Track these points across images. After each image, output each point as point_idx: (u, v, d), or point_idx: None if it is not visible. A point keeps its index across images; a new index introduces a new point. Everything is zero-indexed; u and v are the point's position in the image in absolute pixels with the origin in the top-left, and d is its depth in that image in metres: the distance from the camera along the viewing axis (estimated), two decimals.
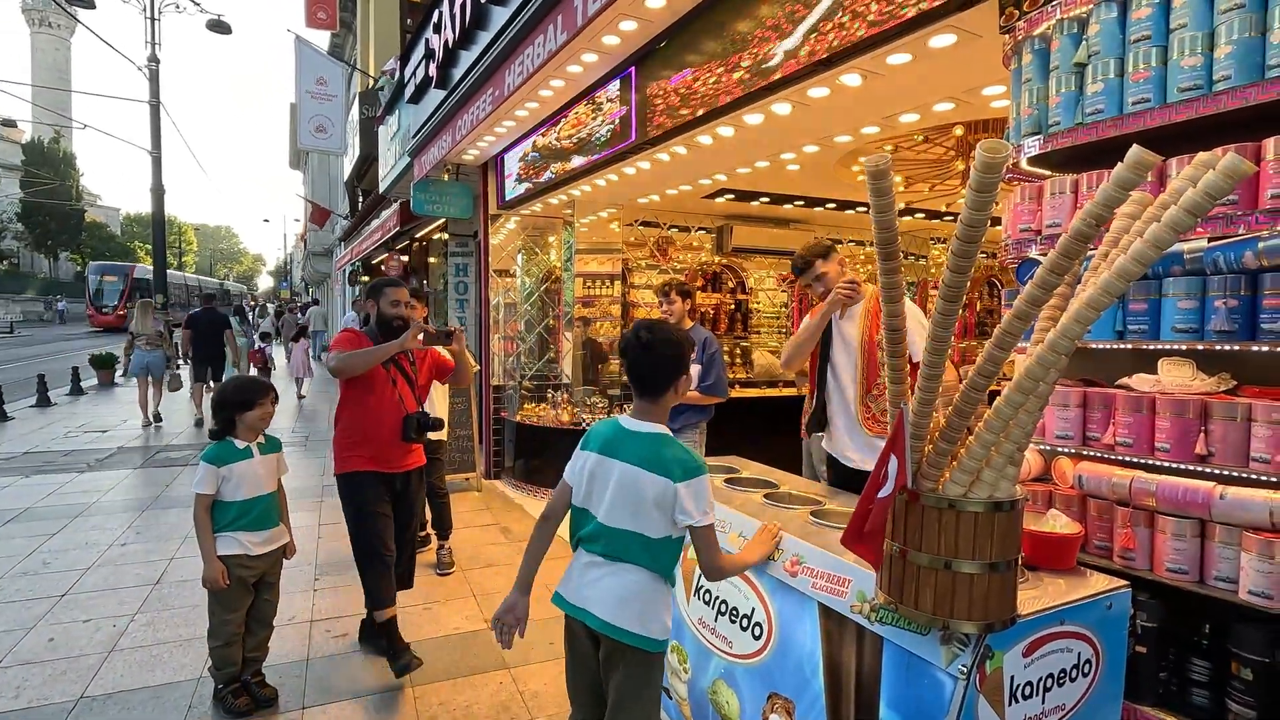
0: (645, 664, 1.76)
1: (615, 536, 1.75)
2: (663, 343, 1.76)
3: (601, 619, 1.74)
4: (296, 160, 34.20)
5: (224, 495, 2.70)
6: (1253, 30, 1.71)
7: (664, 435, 1.77)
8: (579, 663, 1.87)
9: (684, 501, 1.68)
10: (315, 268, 29.54)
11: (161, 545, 4.63)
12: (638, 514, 1.72)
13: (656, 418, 1.81)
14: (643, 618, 1.73)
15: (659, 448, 1.73)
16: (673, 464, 1.69)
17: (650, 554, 1.74)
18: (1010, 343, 1.35)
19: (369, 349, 2.97)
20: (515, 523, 5.41)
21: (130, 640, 3.33)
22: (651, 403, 1.80)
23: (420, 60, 6.61)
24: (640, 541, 1.73)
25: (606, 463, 1.77)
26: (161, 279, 15.43)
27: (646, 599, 1.74)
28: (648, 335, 1.77)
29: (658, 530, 1.72)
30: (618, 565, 1.75)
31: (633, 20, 3.72)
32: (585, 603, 1.78)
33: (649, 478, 1.70)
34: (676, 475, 1.68)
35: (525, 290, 7.45)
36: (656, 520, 1.71)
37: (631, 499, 1.72)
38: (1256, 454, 1.73)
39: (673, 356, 1.77)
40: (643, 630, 1.73)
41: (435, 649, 3.31)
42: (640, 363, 1.78)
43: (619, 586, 1.74)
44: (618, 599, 1.73)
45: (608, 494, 1.76)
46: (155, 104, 15.22)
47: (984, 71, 3.13)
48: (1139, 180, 1.19)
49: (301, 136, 12.02)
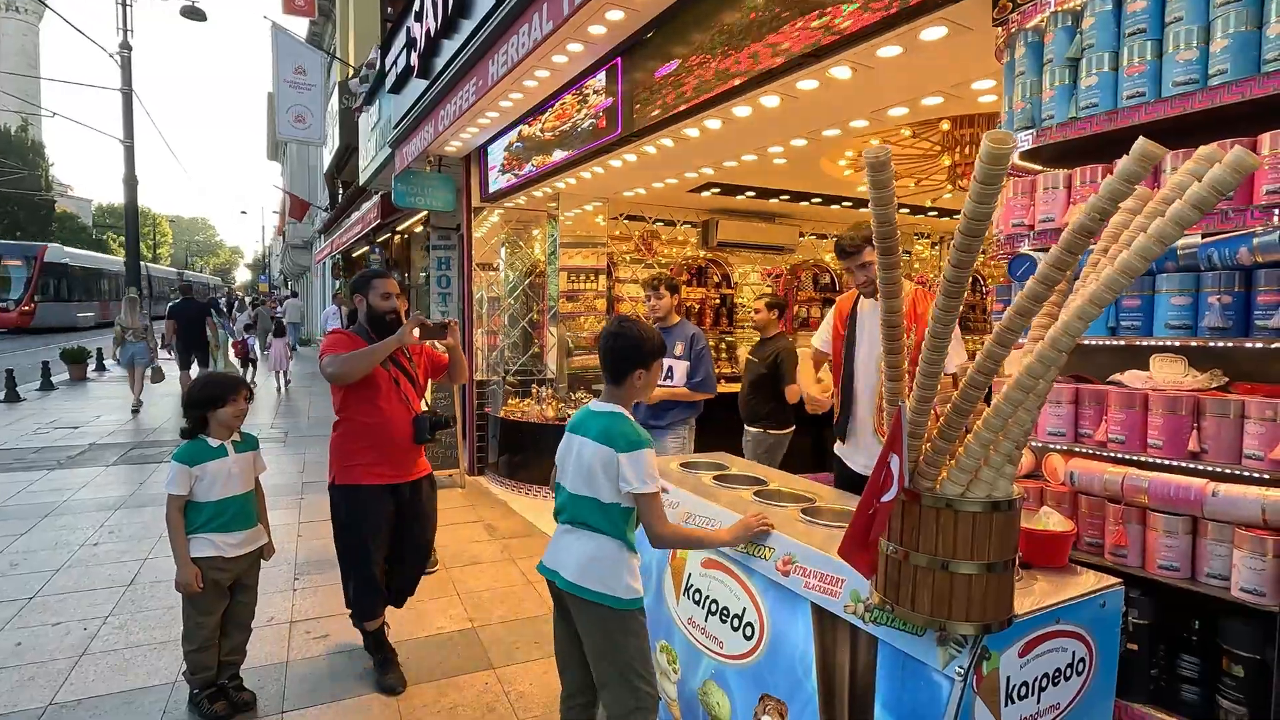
0: (614, 619, 1.93)
1: (577, 503, 1.98)
2: (627, 335, 2.00)
3: (567, 579, 1.95)
4: (274, 151, 33.60)
5: (197, 496, 2.61)
6: (1249, 24, 1.69)
7: (618, 414, 1.99)
8: (560, 623, 2.08)
9: (624, 470, 1.88)
10: (294, 260, 29.12)
11: (135, 545, 4.51)
12: (591, 481, 1.94)
13: (618, 400, 2.03)
14: (604, 578, 1.92)
15: (611, 424, 1.96)
16: (618, 437, 1.91)
17: (606, 518, 1.94)
18: (1011, 339, 1.32)
19: (367, 349, 2.78)
20: (499, 520, 5.34)
21: (102, 644, 3.23)
22: (615, 387, 2.03)
23: (402, 49, 6.49)
24: (594, 505, 1.94)
25: (574, 440, 2.02)
26: (135, 271, 15.08)
27: (608, 562, 1.94)
28: (618, 326, 2.03)
29: (608, 495, 1.92)
30: (581, 531, 1.98)
31: (619, 9, 3.65)
32: (556, 565, 2.00)
33: (598, 448, 1.92)
34: (620, 446, 1.89)
35: (509, 284, 7.36)
36: (605, 486, 1.92)
37: (587, 468, 1.94)
38: (1249, 451, 1.73)
39: (632, 349, 1.99)
40: (604, 589, 1.91)
41: (419, 649, 3.25)
42: (608, 350, 2.02)
43: (582, 550, 1.96)
44: (581, 561, 1.94)
45: (570, 464, 2.01)
46: (127, 92, 14.85)
47: (974, 65, 3.11)
48: (1144, 173, 1.16)
49: (280, 127, 11.80)
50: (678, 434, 3.83)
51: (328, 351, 2.81)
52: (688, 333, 3.84)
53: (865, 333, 2.87)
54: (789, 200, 7.28)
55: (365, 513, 2.86)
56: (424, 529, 3.06)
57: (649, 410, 3.72)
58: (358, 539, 2.88)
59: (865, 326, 2.88)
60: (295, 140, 12.63)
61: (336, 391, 2.88)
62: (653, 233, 7.94)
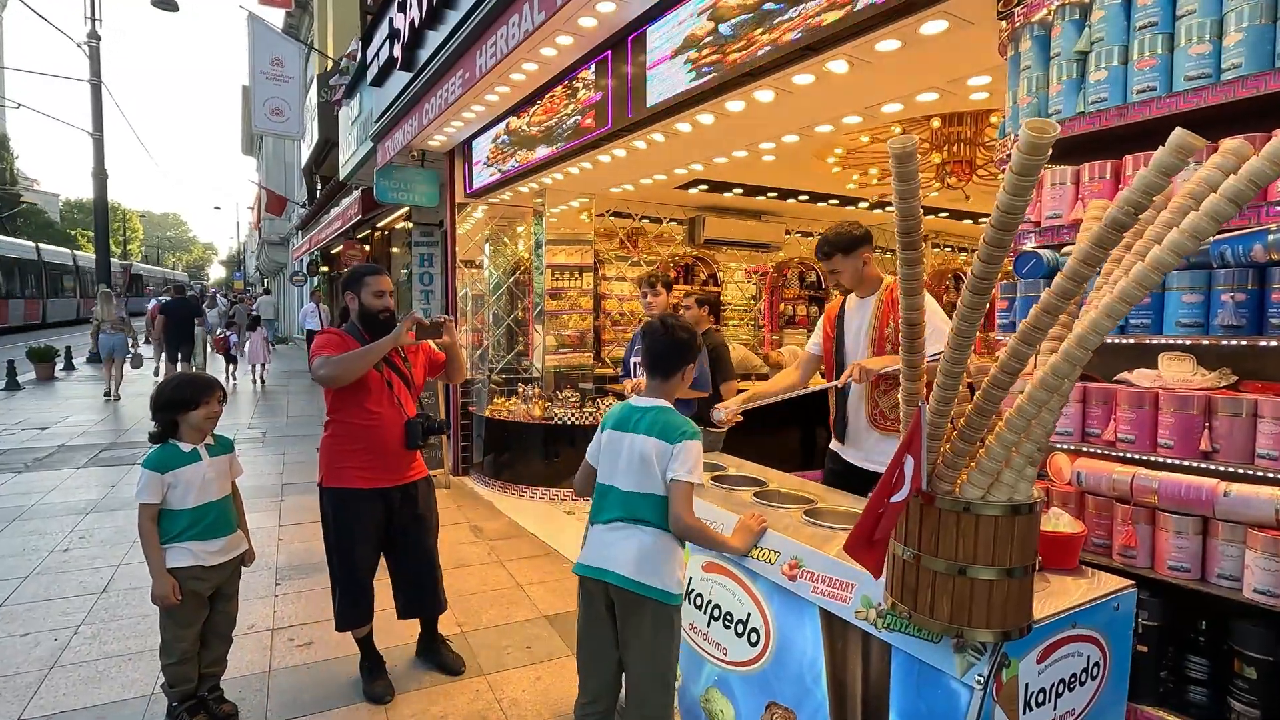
0: (665, 615, 1.91)
1: (632, 500, 1.94)
2: (680, 331, 2.02)
3: (622, 574, 1.90)
4: (250, 145, 32.95)
5: (171, 503, 2.48)
6: (1264, 17, 1.67)
7: (666, 408, 1.99)
8: (595, 626, 2.01)
9: (674, 460, 1.88)
10: (271, 257, 28.58)
11: (108, 550, 4.36)
12: (648, 476, 1.92)
13: (663, 395, 2.03)
14: (659, 572, 1.90)
15: (663, 417, 1.96)
16: (673, 429, 1.92)
17: (661, 511, 1.92)
18: (1038, 337, 1.28)
19: (361, 351, 2.65)
20: (486, 520, 5.25)
21: (73, 655, 3.10)
22: (662, 381, 2.04)
23: (384, 41, 6.34)
24: (652, 501, 1.92)
25: (621, 437, 1.99)
26: (105, 267, 14.69)
27: (662, 555, 1.92)
28: (668, 324, 2.04)
29: (662, 488, 1.92)
30: (635, 527, 1.94)
31: (611, 2, 3.58)
32: (606, 562, 1.94)
33: (654, 443, 1.92)
34: (674, 438, 1.90)
35: (493, 281, 7.25)
36: (659, 479, 1.92)
37: (641, 463, 1.92)
38: (1263, 450, 1.71)
39: (684, 346, 2.02)
40: (660, 584, 1.90)
41: (407, 656, 3.15)
42: (659, 343, 2.02)
43: (637, 545, 1.92)
44: (637, 556, 1.91)
45: (621, 462, 1.97)
46: (96, 83, 14.45)
47: (970, 60, 3.09)
48: (1182, 165, 1.12)
49: (256, 120, 11.52)
50: None
51: (319, 353, 2.69)
52: None
53: (851, 329, 2.88)
54: (776, 198, 7.26)
55: (354, 516, 2.77)
56: (421, 534, 2.95)
57: None
58: (346, 543, 2.79)
59: (851, 323, 2.89)
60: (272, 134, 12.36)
61: (328, 392, 2.78)
62: (639, 230, 7.88)
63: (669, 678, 1.93)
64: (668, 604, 1.91)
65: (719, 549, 2.07)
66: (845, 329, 2.91)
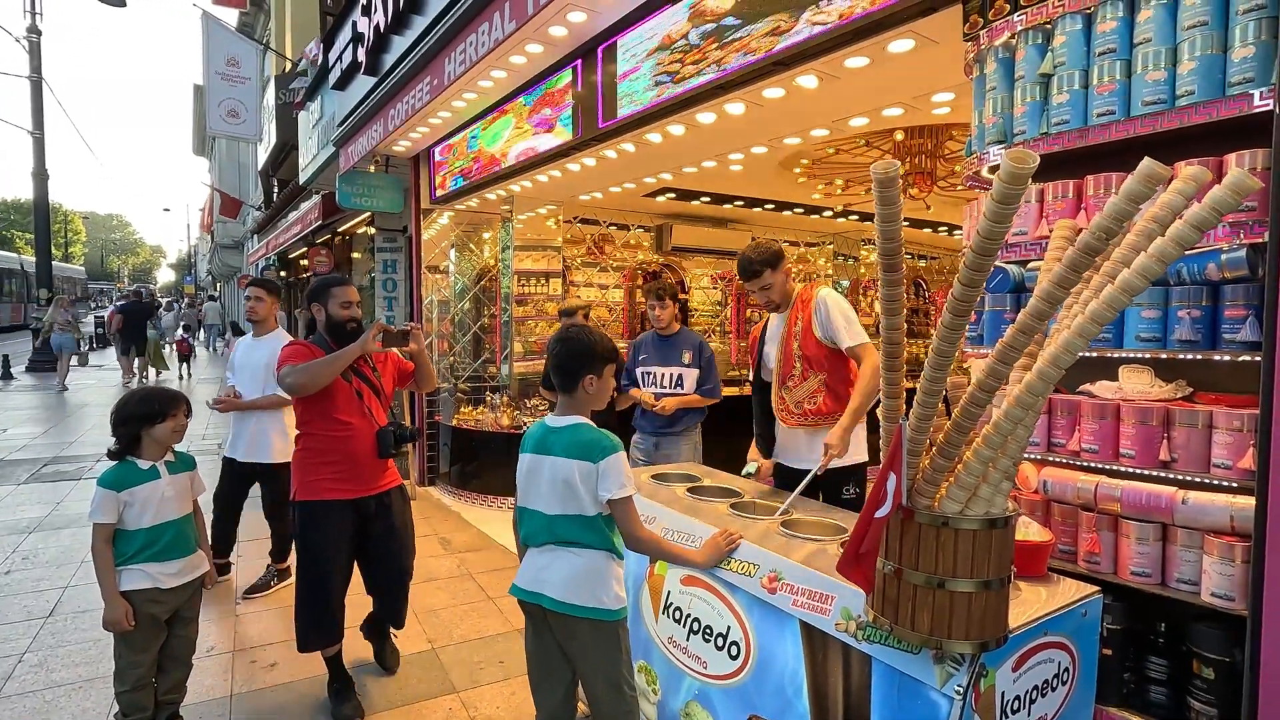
0: (605, 632, 1.89)
1: (557, 523, 1.89)
2: (576, 341, 1.93)
3: (555, 599, 1.88)
4: (202, 146, 31.93)
5: (127, 523, 2.37)
6: (1214, 47, 1.75)
7: (581, 424, 1.93)
8: (542, 648, 1.98)
9: (603, 478, 1.83)
10: (224, 261, 27.73)
11: (54, 571, 4.15)
12: (572, 497, 1.87)
13: (575, 411, 1.96)
14: (594, 591, 1.87)
15: (578, 436, 1.89)
16: (591, 447, 1.85)
17: (593, 531, 1.88)
18: (1014, 357, 1.31)
19: (327, 359, 2.64)
20: (453, 533, 5.17)
21: (18, 685, 2.94)
22: (568, 397, 1.95)
23: (347, 44, 6.22)
24: (581, 522, 1.88)
25: (541, 460, 1.93)
26: (46, 271, 14.06)
27: (596, 575, 1.89)
28: (565, 333, 1.96)
29: (591, 508, 1.87)
30: (564, 549, 1.90)
31: (582, 11, 3.58)
32: (539, 585, 1.91)
33: (576, 464, 1.85)
34: (595, 456, 1.84)
35: (459, 288, 7.16)
36: (587, 500, 1.86)
37: (565, 487, 1.87)
38: (1218, 460, 1.78)
39: (581, 355, 1.92)
40: (595, 603, 1.87)
41: (376, 675, 3.08)
42: (555, 358, 1.94)
43: (569, 567, 1.89)
44: (568, 579, 1.88)
45: (543, 487, 1.91)
46: (37, 80, 13.84)
47: (935, 78, 3.17)
48: (1150, 193, 1.17)
49: (211, 121, 11.17)
50: (690, 439, 3.86)
51: (285, 362, 2.66)
52: (694, 341, 3.85)
53: (774, 343, 2.98)
54: (742, 206, 7.34)
55: (325, 528, 2.73)
56: (396, 544, 2.91)
57: (664, 419, 3.72)
58: (318, 558, 2.74)
59: (774, 337, 2.99)
60: (229, 136, 12.00)
61: (297, 405, 2.74)
62: (606, 236, 7.88)
63: (622, 685, 1.90)
64: (607, 620, 1.88)
65: (676, 561, 2.03)
66: (767, 344, 3.01)
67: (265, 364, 3.72)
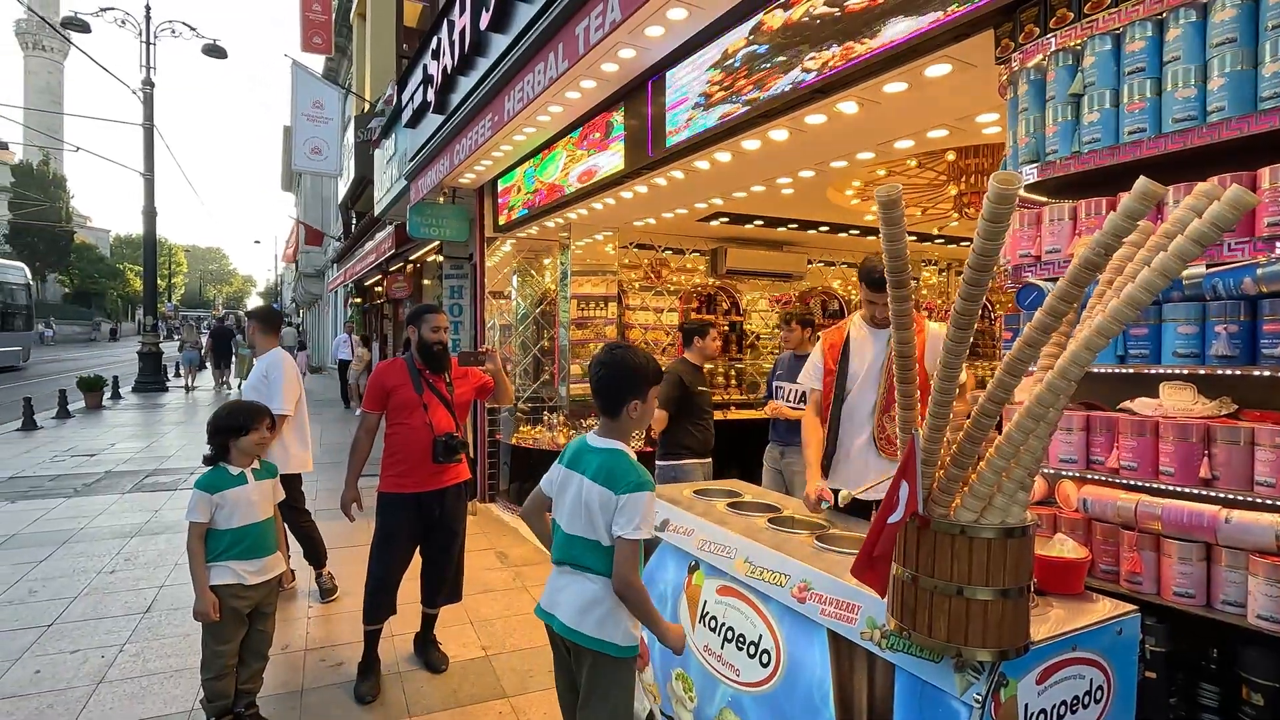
0: (609, 666, 1.85)
1: (575, 544, 1.88)
2: (620, 364, 1.87)
3: (564, 624, 1.87)
4: (289, 182, 34.25)
5: (217, 523, 2.65)
6: (1244, 64, 1.75)
7: (618, 451, 1.88)
8: (560, 665, 2.01)
9: (620, 513, 1.78)
10: (306, 289, 29.45)
11: (151, 572, 4.55)
12: (590, 523, 1.84)
13: (616, 435, 1.91)
14: (601, 624, 1.84)
15: (611, 462, 1.85)
16: (619, 479, 1.81)
17: (607, 561, 1.83)
18: (1021, 369, 1.36)
19: (355, 460, 3.27)
20: (511, 547, 5.35)
21: (119, 671, 3.25)
22: (611, 420, 1.91)
23: (418, 85, 6.67)
24: (594, 547, 1.84)
25: (571, 476, 1.91)
26: (152, 300, 15.33)
27: (606, 607, 1.84)
28: (608, 355, 1.90)
29: (606, 539, 1.83)
30: (580, 574, 1.88)
31: (631, 48, 3.77)
32: (553, 608, 1.92)
33: (599, 491, 1.82)
34: (619, 489, 1.79)
35: (520, 312, 7.45)
36: (603, 529, 1.83)
37: (586, 510, 1.84)
38: (1260, 478, 1.74)
39: (624, 379, 1.87)
40: (600, 635, 1.83)
41: (432, 678, 3.25)
42: (598, 381, 1.91)
43: (580, 594, 1.86)
44: (579, 606, 1.86)
45: (568, 503, 1.90)
46: (149, 127, 15.24)
47: (977, 100, 3.19)
48: (1146, 210, 1.21)
49: (297, 159, 12.06)
50: (797, 453, 3.97)
51: (367, 397, 3.27)
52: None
53: (863, 361, 2.83)
54: (796, 228, 7.37)
55: (388, 517, 3.22)
56: (444, 536, 3.36)
57: (791, 432, 3.95)
58: (383, 537, 3.23)
59: (861, 355, 2.83)
60: (311, 172, 12.90)
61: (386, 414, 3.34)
62: (662, 260, 8.04)
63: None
64: (615, 656, 1.84)
65: (649, 625, 1.88)
66: (850, 360, 2.86)
67: (261, 376, 4.12)
